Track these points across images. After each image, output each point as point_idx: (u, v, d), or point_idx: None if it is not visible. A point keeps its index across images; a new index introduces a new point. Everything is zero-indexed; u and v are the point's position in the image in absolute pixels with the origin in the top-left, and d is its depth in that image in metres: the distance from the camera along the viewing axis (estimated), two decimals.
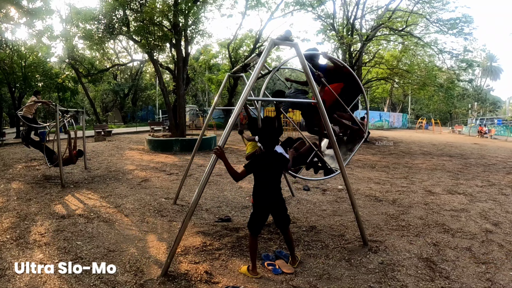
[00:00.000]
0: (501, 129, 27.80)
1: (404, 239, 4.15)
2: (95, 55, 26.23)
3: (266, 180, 3.15)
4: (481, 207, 5.63)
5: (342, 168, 3.77)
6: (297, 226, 4.52)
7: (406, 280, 3.14)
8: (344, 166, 3.82)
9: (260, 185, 3.16)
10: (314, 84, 3.32)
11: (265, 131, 3.22)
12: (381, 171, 9.14)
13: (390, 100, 43.13)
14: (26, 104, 8.25)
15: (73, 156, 7.61)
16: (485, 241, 4.15)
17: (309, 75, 3.28)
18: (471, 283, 3.15)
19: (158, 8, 12.76)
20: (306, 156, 4.44)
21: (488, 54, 51.11)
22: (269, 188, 3.15)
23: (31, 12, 14.94)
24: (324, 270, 3.29)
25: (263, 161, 3.13)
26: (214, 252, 3.62)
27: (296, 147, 4.53)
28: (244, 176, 3.09)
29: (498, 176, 8.62)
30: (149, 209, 5.28)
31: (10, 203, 5.54)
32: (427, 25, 18.91)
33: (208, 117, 5.92)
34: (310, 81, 3.33)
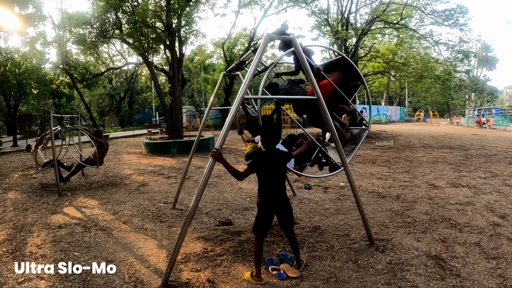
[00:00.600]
0: (499, 119, 27.73)
1: (411, 236, 4.04)
2: (89, 59, 25.99)
3: (270, 178, 3.05)
4: (486, 200, 5.53)
5: (345, 165, 3.65)
6: (301, 227, 4.40)
7: (416, 280, 3.03)
8: (347, 164, 3.70)
9: (265, 183, 3.06)
10: (313, 79, 3.19)
11: (265, 130, 3.10)
12: (382, 166, 9.03)
13: (387, 94, 43.05)
14: None
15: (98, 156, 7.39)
16: (494, 235, 4.04)
17: (308, 69, 3.16)
18: (482, 280, 3.04)
19: (150, 9, 12.60)
20: (310, 153, 4.31)
21: (483, 44, 51.14)
22: (273, 186, 3.05)
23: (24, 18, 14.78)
24: (331, 273, 3.17)
25: (266, 159, 3.01)
26: (216, 258, 3.50)
27: (299, 143, 4.38)
28: (247, 174, 2.99)
29: (500, 166, 8.53)
30: (147, 214, 5.15)
31: (7, 214, 5.41)
32: (422, 17, 18.79)
33: (205, 117, 5.79)
34: (310, 75, 3.20)
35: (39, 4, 16.14)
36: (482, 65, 52.81)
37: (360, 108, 22.57)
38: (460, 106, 47.94)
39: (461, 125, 30.00)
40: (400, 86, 39.33)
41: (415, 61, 20.65)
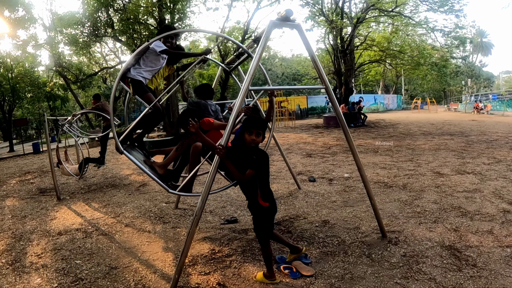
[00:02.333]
0: (497, 104, 27.69)
1: (422, 226, 3.94)
2: (83, 60, 25.66)
3: (268, 176, 2.90)
4: (493, 186, 5.43)
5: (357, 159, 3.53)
6: (309, 222, 4.28)
7: (433, 273, 2.93)
8: (357, 153, 3.57)
9: (267, 183, 2.90)
10: (321, 69, 3.03)
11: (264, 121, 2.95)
12: (385, 155, 8.93)
13: (383, 83, 42.89)
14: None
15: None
16: (505, 222, 3.95)
17: (314, 55, 3.00)
18: (499, 269, 2.95)
19: (142, 5, 12.35)
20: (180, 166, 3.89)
21: (478, 30, 50.84)
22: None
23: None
24: (345, 269, 3.06)
25: (265, 156, 2.85)
26: (225, 260, 3.37)
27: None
28: (251, 176, 2.77)
29: (503, 152, 8.44)
30: (150, 216, 5.02)
31: (5, 222, 5.25)
32: (417, 4, 18.59)
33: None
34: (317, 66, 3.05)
35: (29, 6, 15.86)
36: (477, 51, 52.63)
37: (357, 98, 22.35)
38: (457, 93, 47.90)
39: (458, 111, 29.97)
40: (396, 74, 39.14)
41: (410, 48, 20.49)
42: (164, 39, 3.89)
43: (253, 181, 2.81)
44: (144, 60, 3.87)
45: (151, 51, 3.83)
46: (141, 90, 3.82)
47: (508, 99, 26.85)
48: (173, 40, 4.06)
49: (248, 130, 2.74)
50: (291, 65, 43.28)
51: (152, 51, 3.82)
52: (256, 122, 2.76)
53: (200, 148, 3.45)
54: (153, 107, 3.80)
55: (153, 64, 3.93)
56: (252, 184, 2.82)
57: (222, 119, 4.03)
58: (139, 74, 3.81)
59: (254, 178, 2.79)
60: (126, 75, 3.80)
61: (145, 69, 3.87)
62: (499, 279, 2.80)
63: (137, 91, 3.79)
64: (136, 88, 3.80)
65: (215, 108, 4.07)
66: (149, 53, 3.86)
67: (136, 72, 3.81)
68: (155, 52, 3.79)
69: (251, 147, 2.77)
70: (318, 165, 7.96)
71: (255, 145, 2.78)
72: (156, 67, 4.01)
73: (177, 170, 3.86)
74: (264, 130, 2.85)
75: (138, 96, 3.79)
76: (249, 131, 2.73)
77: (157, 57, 3.92)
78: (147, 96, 3.83)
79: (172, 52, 3.95)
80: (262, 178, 2.84)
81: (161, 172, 3.63)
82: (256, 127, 2.73)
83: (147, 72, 3.91)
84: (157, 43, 3.80)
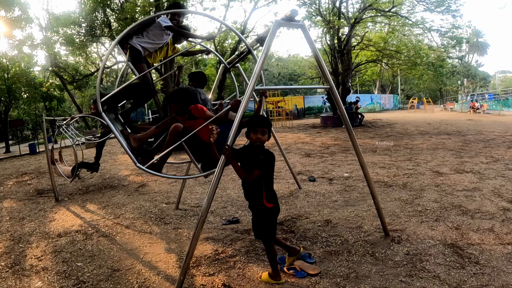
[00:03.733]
0: (493, 103, 27.89)
1: (424, 225, 3.95)
2: (79, 60, 25.49)
3: (272, 176, 2.87)
4: (492, 185, 5.47)
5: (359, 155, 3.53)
6: (311, 222, 4.28)
7: (437, 270, 2.94)
8: (360, 152, 3.58)
9: (272, 184, 2.87)
10: (325, 69, 3.04)
11: (268, 119, 2.91)
12: (383, 154, 8.96)
13: (380, 82, 43.05)
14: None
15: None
16: (505, 220, 3.98)
17: (320, 59, 3.00)
18: (501, 266, 2.97)
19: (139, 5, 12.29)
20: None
21: (474, 30, 51.11)
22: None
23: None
24: (350, 268, 3.06)
25: (271, 155, 2.81)
26: (228, 260, 3.36)
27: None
28: (257, 176, 2.71)
29: (500, 151, 8.50)
30: (150, 217, 4.99)
31: (3, 224, 5.19)
32: (413, 4, 18.68)
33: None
34: (322, 66, 3.05)
35: (25, 6, 15.74)
36: (473, 51, 52.95)
37: (354, 97, 22.43)
38: (453, 92, 48.17)
39: (455, 111, 30.14)
40: (392, 74, 39.29)
41: (407, 48, 20.58)
42: (171, 16, 3.89)
43: (258, 182, 2.76)
44: (148, 33, 3.87)
45: (156, 25, 3.84)
46: (136, 58, 3.79)
47: (504, 99, 27.04)
48: (180, 18, 4.05)
49: (253, 129, 2.71)
50: (287, 65, 43.29)
51: (157, 25, 3.83)
52: (260, 120, 2.74)
53: (180, 129, 3.33)
54: (143, 77, 3.75)
55: (155, 38, 3.93)
56: (257, 185, 2.78)
57: (211, 110, 4.01)
58: (139, 43, 3.81)
59: (260, 179, 2.74)
60: (127, 41, 3.79)
61: (147, 41, 3.87)
62: (502, 276, 2.82)
63: (132, 58, 3.77)
64: (133, 55, 3.78)
65: (204, 97, 4.08)
66: (153, 26, 3.86)
67: (137, 41, 3.81)
68: (160, 26, 3.81)
69: (257, 147, 2.74)
70: (317, 165, 7.97)
71: (261, 143, 2.74)
72: (159, 42, 4.01)
73: (152, 150, 3.77)
74: (269, 128, 2.80)
75: (132, 64, 3.75)
76: (254, 130, 2.70)
77: (161, 32, 3.92)
78: (141, 66, 3.79)
79: (177, 29, 3.94)
80: (267, 179, 2.81)
81: (134, 145, 3.59)
82: (260, 125, 2.71)
83: (148, 44, 3.90)
84: (163, 18, 3.82)
